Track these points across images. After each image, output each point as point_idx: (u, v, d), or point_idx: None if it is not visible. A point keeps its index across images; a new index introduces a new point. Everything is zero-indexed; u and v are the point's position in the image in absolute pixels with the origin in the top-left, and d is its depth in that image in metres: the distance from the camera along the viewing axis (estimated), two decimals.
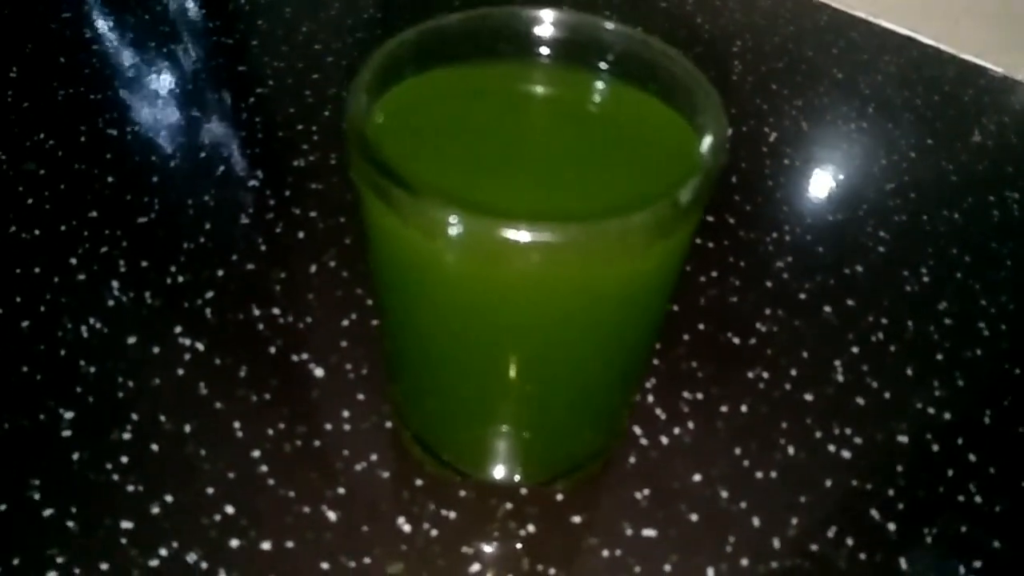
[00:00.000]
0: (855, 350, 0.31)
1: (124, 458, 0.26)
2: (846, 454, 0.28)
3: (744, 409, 0.29)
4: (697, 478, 0.27)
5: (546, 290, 0.18)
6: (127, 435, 0.27)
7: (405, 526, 0.25)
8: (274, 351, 0.29)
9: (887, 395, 0.30)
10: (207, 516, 0.25)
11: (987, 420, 0.29)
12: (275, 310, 0.31)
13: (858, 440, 0.28)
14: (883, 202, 0.38)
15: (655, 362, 0.30)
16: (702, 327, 0.31)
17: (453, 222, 0.16)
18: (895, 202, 0.38)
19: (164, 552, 0.24)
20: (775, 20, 0.49)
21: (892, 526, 0.26)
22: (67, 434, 0.27)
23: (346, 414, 0.28)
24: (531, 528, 0.25)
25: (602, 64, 0.21)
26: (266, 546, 0.24)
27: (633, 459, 0.27)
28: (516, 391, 0.22)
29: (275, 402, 0.28)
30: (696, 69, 0.19)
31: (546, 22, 0.21)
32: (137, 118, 0.39)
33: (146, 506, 0.25)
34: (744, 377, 0.30)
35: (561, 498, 0.26)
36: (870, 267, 0.35)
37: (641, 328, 0.21)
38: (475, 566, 0.24)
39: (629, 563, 0.25)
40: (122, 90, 0.40)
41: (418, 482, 0.26)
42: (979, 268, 0.35)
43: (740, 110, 0.42)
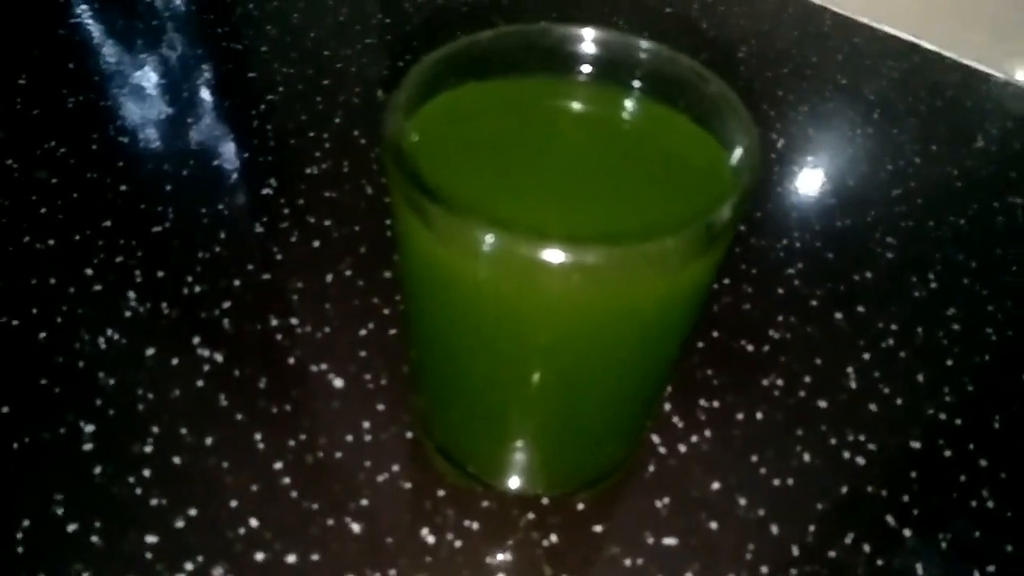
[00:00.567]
0: (866, 356, 0.32)
1: (146, 471, 0.26)
2: (860, 460, 0.28)
3: (760, 416, 0.29)
4: (716, 486, 0.27)
5: (579, 309, 0.18)
6: (148, 448, 0.27)
7: (429, 537, 0.25)
8: (293, 362, 0.29)
9: (899, 401, 0.30)
10: (232, 529, 0.25)
11: (996, 425, 0.30)
12: (293, 320, 0.31)
13: (872, 447, 0.29)
14: (890, 208, 0.38)
15: None
16: (716, 335, 0.32)
17: (491, 242, 0.17)
18: (901, 208, 0.38)
19: (190, 566, 0.24)
20: (779, 25, 0.49)
21: (908, 532, 0.27)
22: (88, 447, 0.27)
23: (367, 425, 0.28)
24: (553, 538, 0.25)
25: (634, 82, 0.21)
26: (291, 559, 0.24)
27: (652, 467, 0.27)
28: (543, 405, 0.22)
29: (296, 413, 0.28)
30: (728, 88, 0.19)
31: (579, 39, 0.21)
32: (148, 125, 0.39)
33: (170, 520, 0.25)
34: (759, 384, 0.30)
35: (582, 507, 0.26)
36: (879, 273, 0.35)
37: (669, 344, 0.21)
38: None
39: (651, 571, 0.25)
40: (132, 97, 0.40)
41: (440, 493, 0.26)
42: (985, 273, 0.35)
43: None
